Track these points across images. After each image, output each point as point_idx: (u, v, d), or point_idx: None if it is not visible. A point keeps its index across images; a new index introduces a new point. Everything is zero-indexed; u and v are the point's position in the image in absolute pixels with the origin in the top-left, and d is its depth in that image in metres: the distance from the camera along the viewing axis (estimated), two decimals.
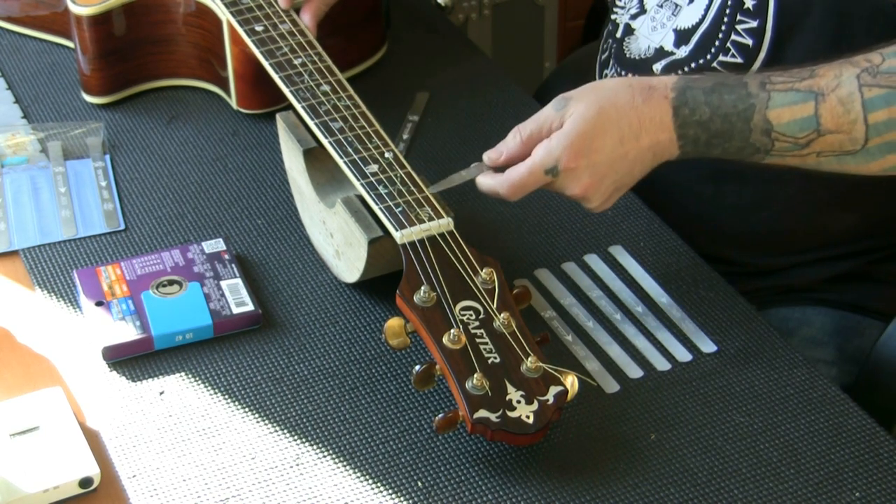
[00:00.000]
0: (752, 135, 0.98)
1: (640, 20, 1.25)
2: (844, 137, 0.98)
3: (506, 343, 0.91)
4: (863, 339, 1.23)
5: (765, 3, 1.12)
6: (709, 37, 1.17)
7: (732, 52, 1.14)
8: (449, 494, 0.90)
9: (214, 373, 1.00)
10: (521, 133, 1.00)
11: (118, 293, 1.04)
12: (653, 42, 1.22)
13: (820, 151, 0.99)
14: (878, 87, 0.97)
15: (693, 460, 0.93)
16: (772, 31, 1.12)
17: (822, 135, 0.98)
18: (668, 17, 1.20)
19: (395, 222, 0.98)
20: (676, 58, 1.19)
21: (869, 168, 1.00)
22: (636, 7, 1.26)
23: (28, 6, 1.39)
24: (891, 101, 0.96)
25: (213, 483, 0.91)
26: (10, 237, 1.12)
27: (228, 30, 1.23)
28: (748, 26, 1.13)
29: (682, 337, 1.04)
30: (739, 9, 1.14)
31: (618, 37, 1.27)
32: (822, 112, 0.97)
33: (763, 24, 1.12)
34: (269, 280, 1.09)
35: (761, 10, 1.13)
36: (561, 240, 1.14)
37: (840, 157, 0.99)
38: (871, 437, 0.96)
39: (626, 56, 1.24)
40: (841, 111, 0.97)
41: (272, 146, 1.24)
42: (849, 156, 0.99)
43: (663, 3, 1.22)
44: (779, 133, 0.98)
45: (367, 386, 0.99)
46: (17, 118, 1.28)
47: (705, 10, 1.17)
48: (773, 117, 0.98)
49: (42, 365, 1.01)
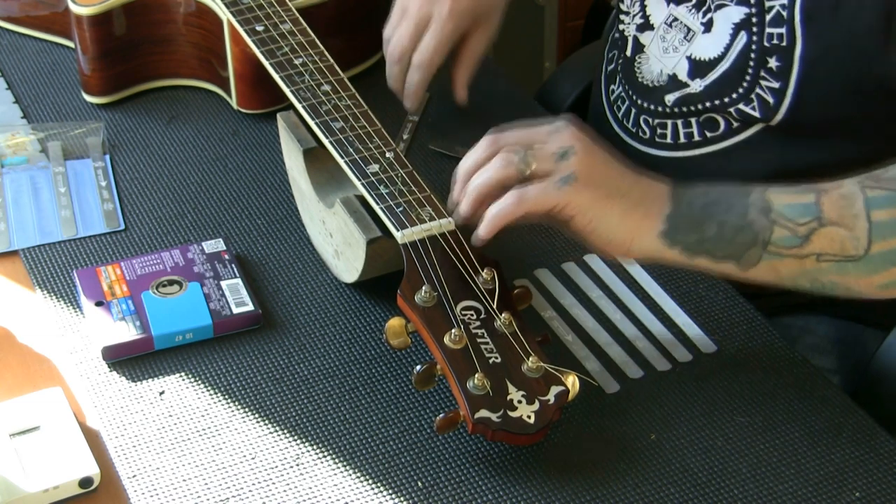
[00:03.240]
0: (750, 212, 0.94)
1: (648, 36, 1.22)
2: (846, 234, 0.93)
3: (507, 343, 0.91)
4: (864, 349, 1.23)
5: (788, 67, 1.09)
6: (730, 79, 1.13)
7: (754, 103, 1.12)
8: (449, 494, 0.90)
9: (214, 373, 1.00)
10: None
11: (118, 293, 1.04)
12: (665, 67, 1.19)
13: (820, 253, 0.94)
14: (881, 188, 0.94)
15: (693, 460, 0.93)
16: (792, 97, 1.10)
17: (823, 225, 0.93)
18: (681, 41, 1.17)
19: (396, 222, 0.98)
20: (691, 91, 1.16)
21: (871, 281, 0.96)
22: (640, 17, 1.24)
23: (28, 6, 1.39)
24: (894, 202, 0.94)
25: (213, 483, 0.91)
26: (10, 237, 1.12)
27: (229, 29, 1.23)
28: (771, 85, 1.11)
29: (682, 337, 1.04)
30: (763, 66, 1.11)
31: (627, 54, 1.25)
32: (823, 201, 0.93)
33: (784, 87, 1.10)
34: (269, 280, 1.09)
35: (784, 74, 1.10)
36: (561, 240, 1.14)
37: (841, 265, 0.94)
38: (871, 437, 0.96)
39: (637, 79, 1.23)
40: (843, 204, 0.93)
41: (272, 146, 1.24)
42: (850, 263, 0.94)
43: (672, 23, 1.19)
44: (778, 215, 0.94)
45: (367, 386, 0.99)
46: (17, 118, 1.28)
47: (726, 49, 1.13)
48: (772, 198, 0.94)
49: (42, 365, 1.01)
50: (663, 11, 1.21)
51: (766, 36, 1.10)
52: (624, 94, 1.25)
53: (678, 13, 1.19)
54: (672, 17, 1.19)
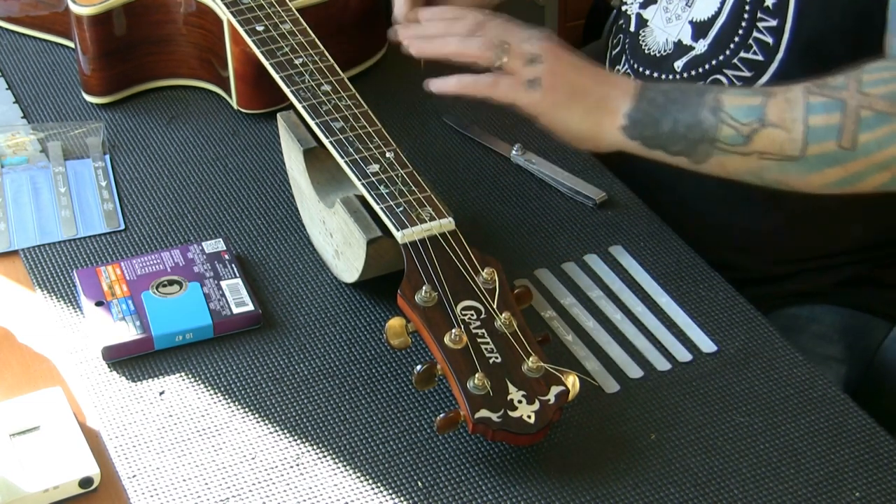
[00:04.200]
0: (702, 111, 1.02)
1: (651, 10, 1.24)
2: (786, 136, 1.00)
3: (507, 343, 0.91)
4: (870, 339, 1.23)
5: (785, 2, 1.12)
6: (727, 32, 1.17)
7: (754, 48, 1.14)
8: (449, 494, 0.90)
9: (214, 373, 1.00)
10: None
11: (118, 293, 1.04)
12: (670, 35, 1.22)
13: (762, 152, 1.01)
14: (822, 95, 1.00)
15: (693, 460, 0.93)
16: (790, 33, 1.13)
17: (764, 126, 1.00)
18: (683, 8, 1.20)
19: (396, 222, 0.98)
20: (697, 53, 1.19)
21: (809, 181, 1.02)
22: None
23: (28, 6, 1.39)
24: (830, 109, 0.99)
25: (213, 483, 0.91)
26: (10, 237, 1.12)
27: (229, 29, 1.23)
28: (768, 24, 1.13)
29: (682, 337, 1.04)
30: (760, 6, 1.14)
31: (631, 30, 1.27)
32: (768, 105, 1.01)
33: (783, 23, 1.13)
34: (269, 280, 1.09)
35: (781, 10, 1.13)
36: (561, 240, 1.14)
37: (781, 164, 1.01)
38: (871, 437, 0.96)
39: (643, 51, 1.24)
40: (785, 108, 1.00)
41: (272, 146, 1.24)
42: (790, 162, 1.01)
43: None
44: (726, 115, 1.01)
45: (367, 386, 0.99)
46: (17, 118, 1.28)
47: (721, 3, 1.17)
48: (724, 99, 1.02)
49: (42, 365, 1.01)
50: None
51: None
52: (630, 70, 1.26)
53: None
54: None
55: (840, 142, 0.99)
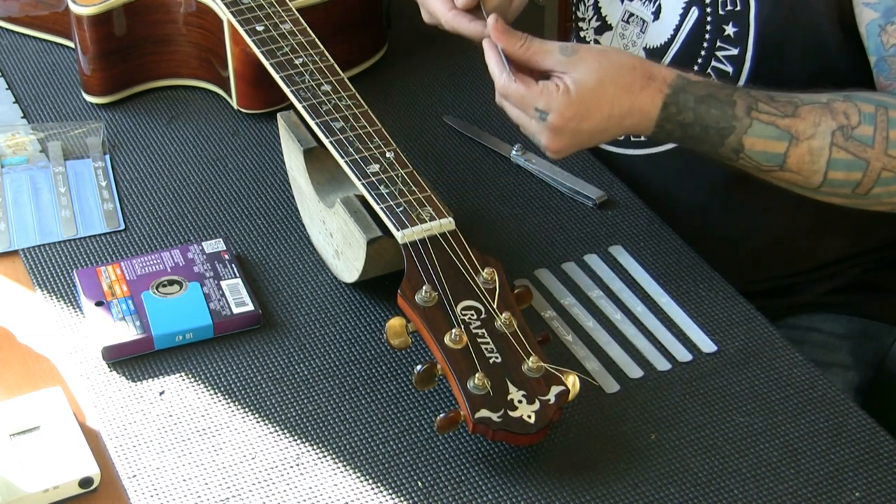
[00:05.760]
0: (723, 149, 1.03)
1: (608, 37, 1.24)
2: (801, 179, 1.03)
3: (507, 343, 0.91)
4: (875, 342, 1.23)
5: (745, 32, 1.13)
6: (683, 60, 1.17)
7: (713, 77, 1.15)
8: (449, 494, 0.90)
9: (214, 373, 1.00)
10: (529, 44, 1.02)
11: (118, 293, 1.04)
12: None
13: (776, 179, 1.05)
14: (846, 151, 1.01)
15: (693, 460, 0.93)
16: (751, 61, 1.14)
17: (783, 170, 1.03)
18: (638, 35, 1.22)
19: (396, 222, 0.98)
20: None
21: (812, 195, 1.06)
22: (596, 19, 1.26)
23: (28, 6, 1.39)
24: (851, 167, 1.01)
25: (213, 483, 0.91)
26: (10, 237, 1.12)
27: (229, 29, 1.23)
28: (728, 53, 1.14)
29: (682, 337, 1.04)
30: (720, 35, 1.15)
31: None
32: (790, 154, 1.02)
33: (743, 52, 1.14)
34: (269, 280, 1.09)
35: (741, 39, 1.13)
36: (561, 240, 1.14)
37: (792, 186, 1.05)
38: (871, 437, 0.96)
39: None
40: (808, 160, 1.02)
41: (272, 146, 1.24)
42: (798, 188, 1.05)
43: (629, 19, 1.22)
44: (746, 156, 1.03)
45: (367, 386, 0.99)
46: (17, 118, 1.28)
47: (674, 31, 1.18)
48: (747, 143, 1.02)
49: (42, 365, 1.01)
50: (618, 9, 1.23)
51: (721, 4, 1.14)
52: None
53: (632, 8, 1.22)
54: (628, 14, 1.22)
55: (854, 190, 1.03)
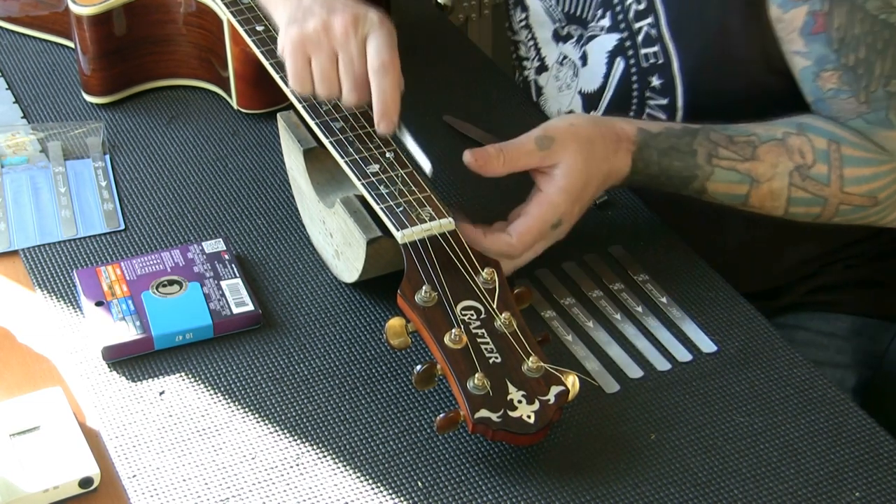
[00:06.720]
0: (688, 192, 1.08)
1: (545, 77, 1.26)
2: (765, 212, 1.10)
3: (507, 343, 0.91)
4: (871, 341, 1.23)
5: (671, 84, 1.15)
6: (618, 106, 1.19)
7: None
8: (449, 494, 0.90)
9: (214, 373, 1.00)
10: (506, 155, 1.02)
11: (118, 293, 1.04)
12: (562, 105, 1.24)
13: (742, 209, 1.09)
14: (805, 191, 1.07)
15: (693, 460, 0.93)
16: (683, 110, 1.17)
17: (746, 206, 1.09)
18: (571, 78, 1.24)
19: (396, 222, 0.98)
20: None
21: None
22: (537, 59, 1.28)
23: (28, 6, 1.39)
24: (811, 203, 1.08)
25: (213, 483, 0.91)
26: (10, 237, 1.12)
27: (229, 29, 1.23)
28: (658, 103, 1.16)
29: (682, 337, 1.04)
30: (647, 86, 1.17)
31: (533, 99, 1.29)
32: (752, 195, 1.08)
33: (673, 101, 1.16)
34: (269, 280, 1.09)
35: (669, 90, 1.16)
36: (561, 240, 1.14)
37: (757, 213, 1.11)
38: (871, 437, 0.96)
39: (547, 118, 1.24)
40: (769, 199, 1.08)
41: (272, 146, 1.24)
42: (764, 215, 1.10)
43: (563, 61, 1.24)
44: (711, 196, 1.08)
45: (367, 386, 0.99)
46: (17, 118, 1.28)
47: (605, 77, 1.20)
48: (710, 188, 1.07)
49: (42, 365, 1.01)
50: (554, 51, 1.25)
51: (643, 57, 1.16)
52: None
53: (566, 50, 1.24)
54: (562, 56, 1.25)
55: (816, 220, 1.10)
